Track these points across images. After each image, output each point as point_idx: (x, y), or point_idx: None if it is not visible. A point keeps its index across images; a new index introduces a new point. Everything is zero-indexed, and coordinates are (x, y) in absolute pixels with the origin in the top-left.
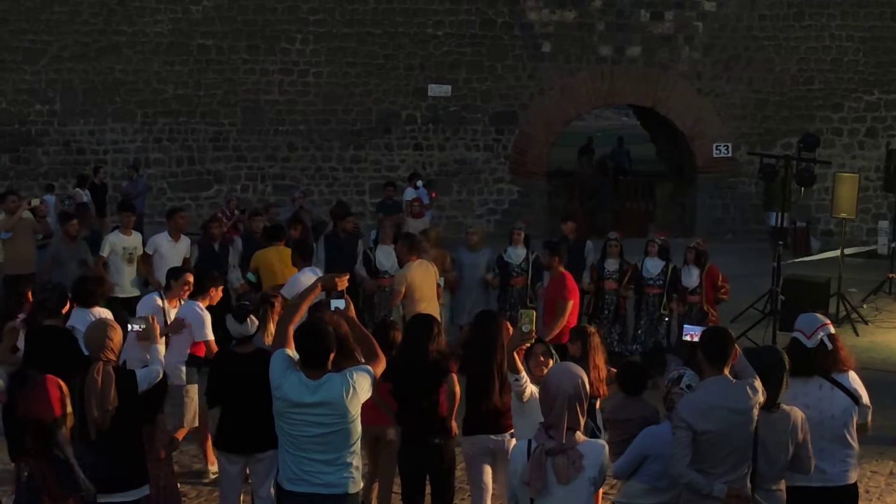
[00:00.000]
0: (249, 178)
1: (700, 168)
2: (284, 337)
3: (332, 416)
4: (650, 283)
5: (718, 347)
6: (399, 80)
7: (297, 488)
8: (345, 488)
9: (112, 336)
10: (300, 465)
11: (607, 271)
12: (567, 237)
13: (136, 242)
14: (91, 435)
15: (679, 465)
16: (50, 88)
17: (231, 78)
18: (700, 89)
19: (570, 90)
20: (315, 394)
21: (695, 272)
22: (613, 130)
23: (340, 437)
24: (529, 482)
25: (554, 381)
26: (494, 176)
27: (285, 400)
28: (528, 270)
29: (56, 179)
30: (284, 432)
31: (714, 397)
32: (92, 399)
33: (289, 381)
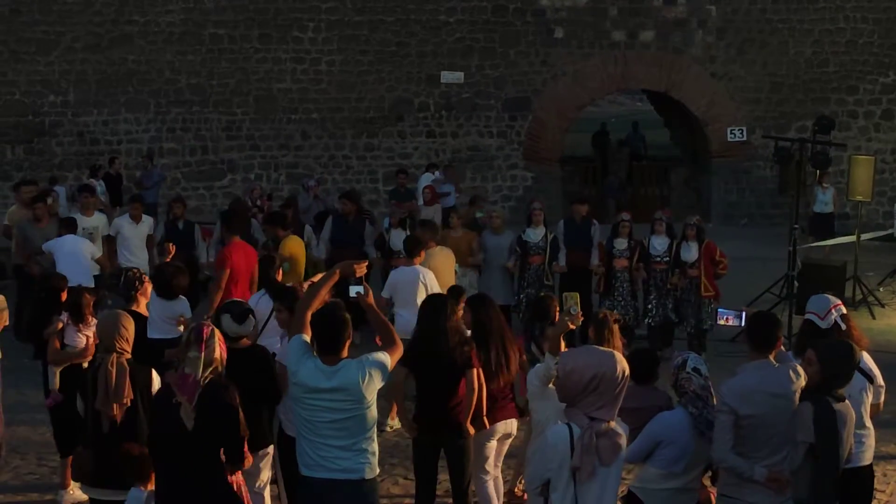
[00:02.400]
0: (263, 167)
1: (715, 152)
2: (302, 322)
3: (348, 401)
4: (657, 260)
5: (765, 333)
6: (411, 67)
7: (314, 474)
8: (362, 473)
9: (126, 326)
10: (317, 451)
11: (617, 250)
12: (573, 218)
13: (97, 223)
14: (104, 429)
15: (721, 448)
16: (63, 79)
17: (243, 67)
18: (714, 73)
19: (584, 75)
20: (331, 379)
21: (693, 247)
22: (627, 116)
23: (357, 422)
24: (581, 466)
25: (608, 364)
26: (508, 162)
27: (302, 385)
28: (546, 249)
29: (70, 170)
30: (301, 418)
31: (757, 381)
32: (106, 392)
33: (305, 366)
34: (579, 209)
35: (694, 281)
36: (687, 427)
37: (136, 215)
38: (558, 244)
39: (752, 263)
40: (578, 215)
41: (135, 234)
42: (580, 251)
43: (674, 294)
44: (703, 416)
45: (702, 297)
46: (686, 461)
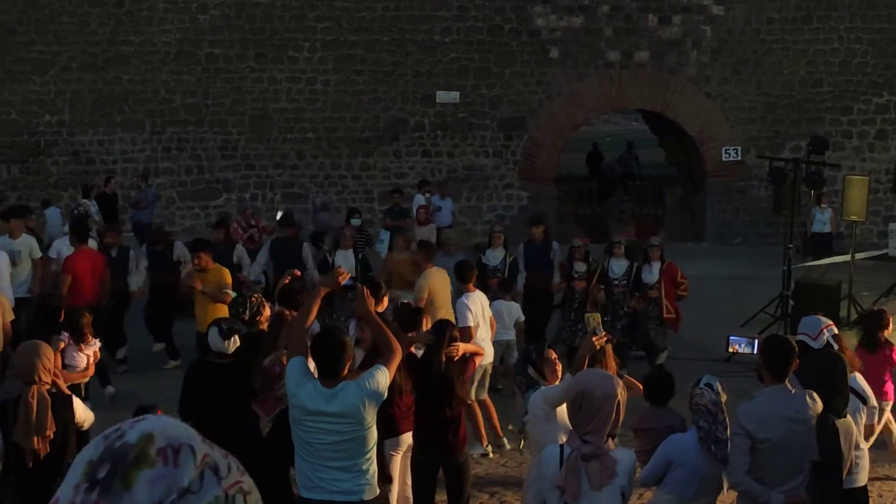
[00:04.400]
0: (258, 186)
1: (709, 172)
2: (299, 344)
3: (348, 423)
4: (615, 283)
5: (782, 358)
6: (407, 87)
7: (314, 496)
8: (361, 495)
9: (47, 356)
10: (316, 473)
11: (576, 272)
12: (533, 241)
13: (21, 246)
14: (27, 463)
15: (737, 472)
16: (59, 99)
17: (239, 86)
18: (709, 93)
19: (579, 95)
20: (331, 403)
21: (655, 268)
22: (622, 135)
23: (356, 444)
24: (564, 487)
25: (599, 388)
26: (504, 182)
27: (301, 408)
28: (505, 271)
29: (66, 189)
30: (300, 439)
31: (774, 405)
32: (27, 425)
33: (305, 389)
34: (535, 231)
35: (654, 302)
36: (699, 448)
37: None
38: (517, 267)
39: (747, 283)
40: (538, 237)
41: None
42: (541, 272)
43: (628, 315)
44: (711, 432)
45: (664, 318)
46: (697, 485)
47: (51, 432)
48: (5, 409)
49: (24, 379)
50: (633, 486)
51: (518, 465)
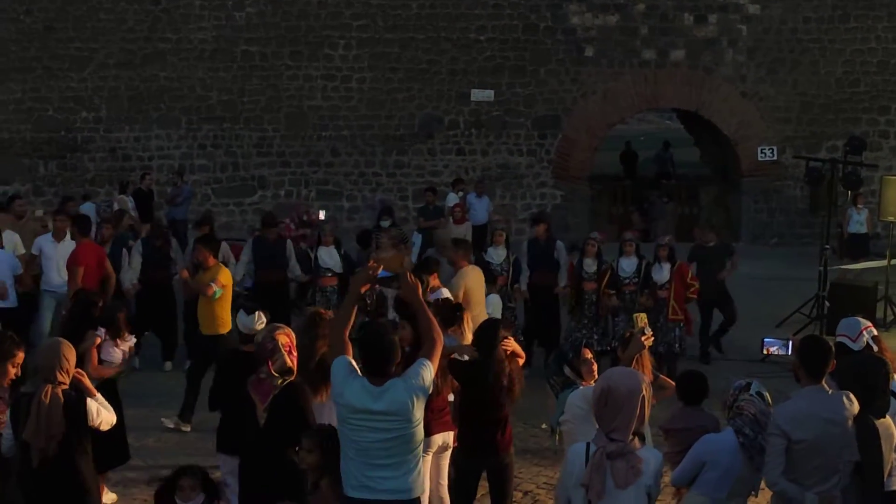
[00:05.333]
0: (293, 183)
1: (745, 172)
2: (341, 344)
3: (396, 421)
4: (626, 281)
5: (817, 358)
6: (442, 85)
7: (360, 495)
8: (409, 494)
9: (68, 357)
10: (363, 472)
11: (585, 272)
12: (538, 239)
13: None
14: (33, 463)
15: (773, 473)
16: (96, 95)
17: (275, 84)
18: (744, 92)
19: (614, 94)
20: (379, 401)
21: (665, 268)
22: (656, 134)
23: (404, 442)
24: (589, 485)
25: (624, 385)
26: (538, 180)
27: (348, 406)
28: (509, 270)
29: (102, 186)
30: (347, 438)
31: (810, 406)
32: (37, 424)
33: (351, 387)
34: (538, 230)
35: (661, 302)
36: (733, 450)
37: (60, 232)
38: (520, 265)
39: (783, 284)
40: (542, 235)
41: (56, 253)
42: (544, 271)
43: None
44: (757, 442)
45: (669, 319)
46: (730, 487)
47: (59, 433)
48: (18, 406)
49: (42, 377)
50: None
51: (552, 463)
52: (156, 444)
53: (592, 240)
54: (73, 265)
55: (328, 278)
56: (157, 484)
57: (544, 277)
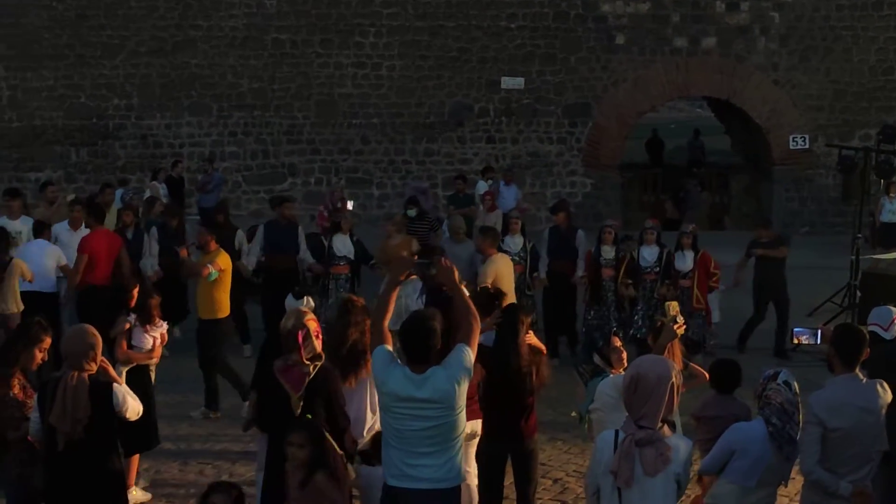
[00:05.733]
0: (323, 171)
1: (776, 160)
2: (381, 333)
3: (438, 408)
4: (647, 270)
5: (852, 346)
6: (472, 72)
7: (401, 484)
8: (451, 482)
9: (94, 344)
10: (403, 460)
11: (604, 259)
12: (559, 227)
13: (21, 227)
14: (59, 446)
15: (809, 461)
16: (127, 83)
17: (305, 71)
18: (776, 80)
19: (645, 82)
20: (422, 389)
21: (689, 256)
22: (686, 122)
23: (446, 429)
24: (617, 472)
25: (653, 373)
26: (567, 168)
27: (391, 395)
28: (526, 259)
29: (133, 173)
30: (389, 427)
31: (845, 394)
32: (63, 408)
33: (393, 375)
34: (558, 217)
35: (685, 292)
36: (763, 439)
37: (76, 221)
38: (537, 254)
39: (814, 272)
40: (562, 223)
41: (73, 240)
42: (564, 259)
43: (660, 305)
44: (785, 431)
45: (692, 309)
46: (759, 475)
47: (85, 417)
48: (45, 391)
49: (68, 363)
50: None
51: (581, 451)
52: (189, 430)
53: (609, 227)
54: (79, 252)
55: (341, 266)
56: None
57: (564, 266)
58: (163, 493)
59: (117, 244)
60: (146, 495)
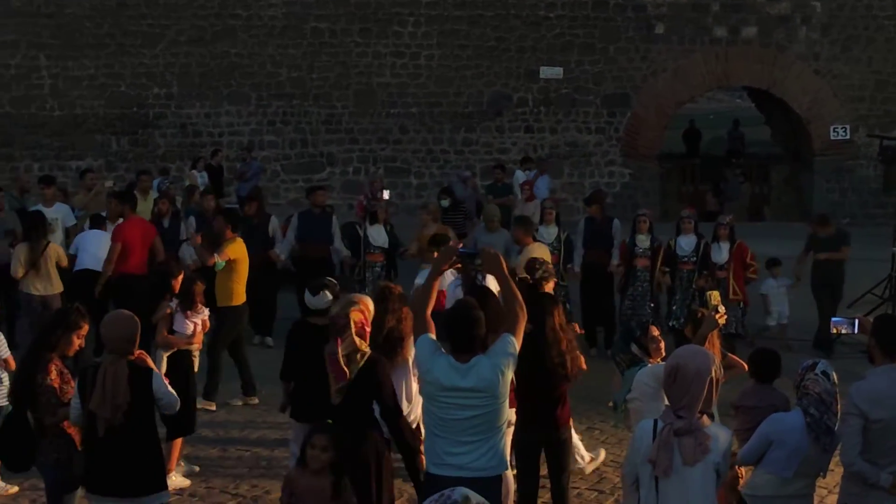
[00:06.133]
0: (361, 160)
1: (817, 151)
2: (424, 322)
3: (483, 398)
4: (684, 260)
5: (893, 336)
6: (511, 62)
7: (444, 472)
8: (494, 471)
9: (136, 331)
10: (446, 449)
11: (638, 248)
12: (594, 217)
13: (57, 214)
14: (99, 432)
15: (850, 453)
16: (167, 72)
17: (344, 61)
18: (817, 70)
19: (684, 72)
20: (466, 378)
21: (724, 248)
22: (725, 113)
23: (490, 418)
24: (656, 461)
25: (693, 363)
26: (606, 159)
27: (436, 384)
28: (560, 249)
29: (173, 161)
30: (434, 416)
31: (887, 385)
32: (103, 394)
33: (438, 364)
34: (592, 210)
35: (722, 283)
36: (800, 429)
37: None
38: (572, 244)
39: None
40: (597, 214)
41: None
42: (600, 250)
43: (698, 296)
44: (823, 422)
45: (729, 300)
46: (796, 466)
47: (125, 403)
48: (85, 377)
49: (107, 348)
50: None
51: (618, 441)
52: (226, 417)
53: (643, 216)
54: (113, 241)
55: (375, 255)
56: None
57: (600, 256)
58: (202, 479)
59: (151, 233)
60: (185, 481)
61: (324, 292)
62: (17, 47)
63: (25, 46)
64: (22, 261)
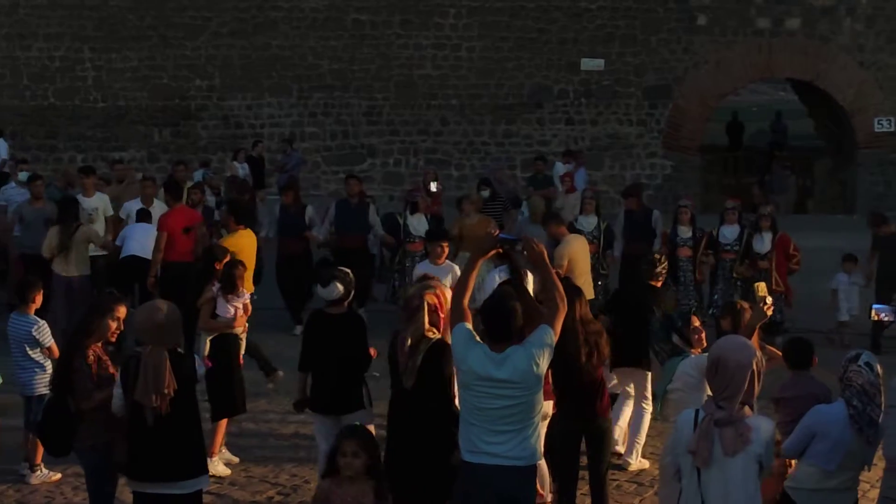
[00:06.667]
0: (402, 152)
1: (861, 143)
2: (460, 311)
3: (517, 388)
4: (727, 249)
5: None
6: (552, 54)
7: (479, 460)
8: (528, 460)
9: (160, 318)
10: (483, 437)
11: (680, 239)
12: (632, 210)
13: (98, 203)
14: (149, 421)
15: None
16: (209, 64)
17: (385, 53)
18: (862, 62)
19: (727, 64)
20: (500, 368)
21: (767, 238)
22: (768, 105)
23: (525, 408)
24: (696, 452)
25: (735, 355)
26: (647, 151)
27: (471, 372)
28: (600, 238)
29: (214, 153)
30: (469, 404)
31: None
32: (146, 383)
33: (473, 353)
34: (628, 203)
35: (763, 273)
36: (843, 421)
37: (148, 197)
38: (612, 232)
39: None
40: (635, 206)
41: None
42: (641, 241)
43: (740, 286)
44: (866, 413)
45: (773, 290)
46: (840, 459)
47: (170, 390)
48: (127, 367)
49: (143, 339)
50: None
51: (657, 433)
52: (266, 407)
53: (684, 207)
54: (158, 230)
55: (416, 244)
56: None
57: (640, 247)
58: (241, 468)
59: (196, 220)
60: (226, 470)
61: (334, 283)
62: (62, 40)
63: (69, 39)
64: (53, 243)
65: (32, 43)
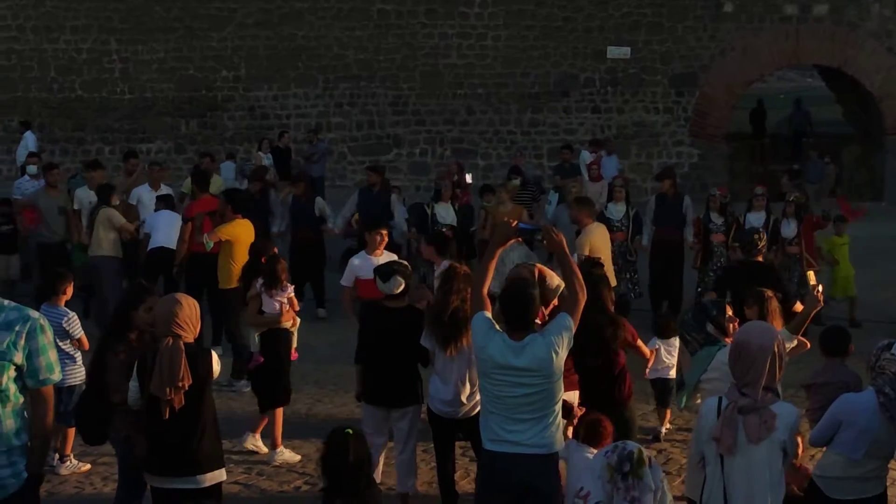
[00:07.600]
0: (428, 141)
1: (889, 129)
2: (480, 300)
3: (536, 377)
4: None
5: None
6: (578, 42)
7: (499, 448)
8: (548, 448)
9: (181, 310)
10: (503, 425)
11: (713, 224)
12: (665, 194)
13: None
14: (164, 414)
15: None
16: (235, 55)
17: (410, 42)
18: (890, 48)
19: (753, 51)
20: (520, 357)
21: (793, 224)
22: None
23: (544, 397)
24: (720, 439)
25: (756, 340)
26: (674, 139)
27: (490, 361)
28: (629, 225)
29: (241, 144)
30: (489, 392)
31: None
32: (161, 376)
33: (493, 342)
34: (664, 185)
35: (792, 258)
36: (871, 410)
37: (155, 181)
38: (641, 220)
39: None
40: (668, 190)
41: (153, 200)
42: (671, 226)
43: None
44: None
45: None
46: (866, 447)
47: (185, 383)
48: (144, 361)
49: (159, 331)
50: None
51: (686, 422)
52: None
53: (714, 196)
54: (183, 220)
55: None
56: None
57: (671, 233)
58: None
59: None
60: (294, 456)
61: (395, 277)
62: (88, 32)
63: (96, 31)
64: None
65: (59, 35)
